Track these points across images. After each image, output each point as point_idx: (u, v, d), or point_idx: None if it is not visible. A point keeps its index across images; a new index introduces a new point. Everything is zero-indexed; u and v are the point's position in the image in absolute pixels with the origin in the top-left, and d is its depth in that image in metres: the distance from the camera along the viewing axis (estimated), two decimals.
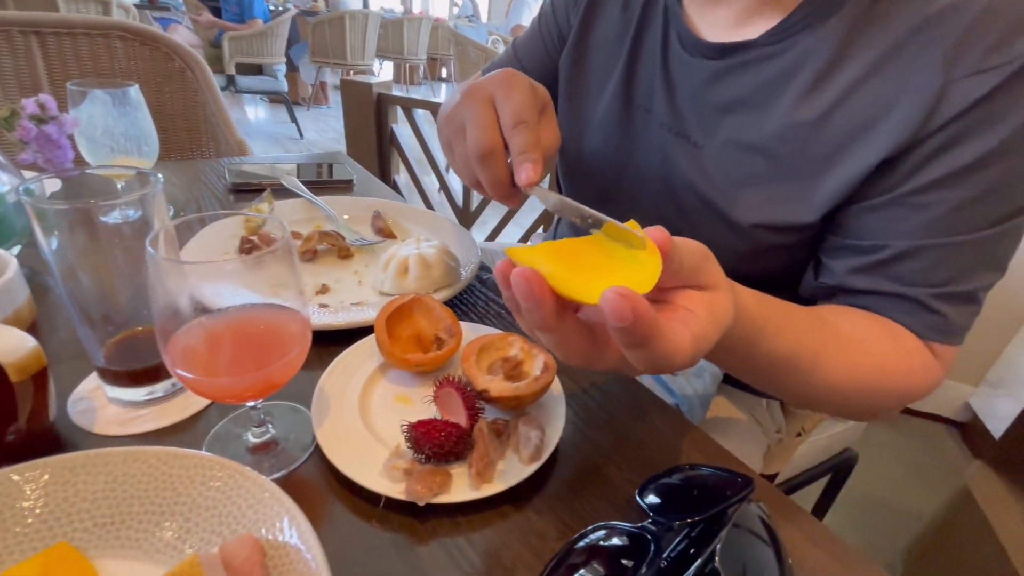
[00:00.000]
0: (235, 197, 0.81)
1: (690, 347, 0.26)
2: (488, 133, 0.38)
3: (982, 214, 0.41)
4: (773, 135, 0.48)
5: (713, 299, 0.28)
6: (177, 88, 1.35)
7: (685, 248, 0.27)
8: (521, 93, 0.39)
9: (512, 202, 0.41)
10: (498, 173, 0.39)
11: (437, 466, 0.36)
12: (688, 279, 0.28)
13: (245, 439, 0.39)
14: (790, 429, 0.79)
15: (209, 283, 0.30)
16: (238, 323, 0.33)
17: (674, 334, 0.25)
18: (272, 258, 0.31)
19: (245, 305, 0.33)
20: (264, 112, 4.98)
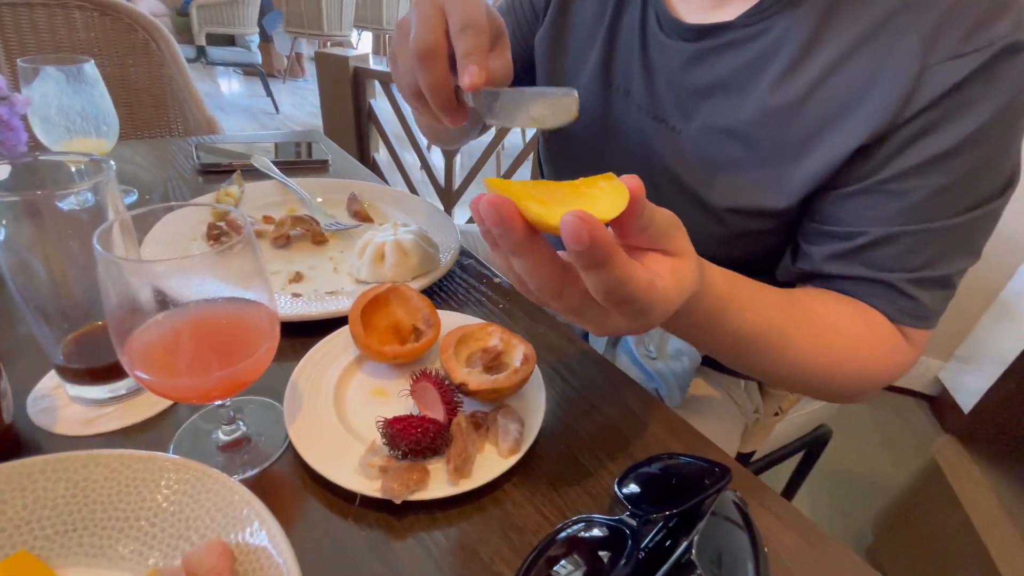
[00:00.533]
0: (204, 179, 0.78)
1: (648, 289, 0.26)
2: (432, 34, 0.36)
3: (958, 200, 0.41)
4: (750, 120, 0.47)
5: (679, 264, 0.29)
6: (141, 61, 1.28)
7: (657, 210, 0.28)
8: (475, 5, 0.36)
9: (456, 118, 0.38)
10: (439, 76, 0.36)
11: (414, 462, 0.35)
12: (656, 241, 0.29)
13: (215, 437, 0.38)
14: (767, 409, 0.80)
15: (166, 279, 0.29)
16: (200, 319, 0.31)
17: (633, 268, 0.25)
18: (233, 252, 0.29)
19: (208, 300, 0.31)
20: (238, 85, 4.81)
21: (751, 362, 0.43)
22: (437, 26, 0.36)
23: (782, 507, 0.39)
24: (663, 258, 0.29)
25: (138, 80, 1.29)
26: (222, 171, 0.78)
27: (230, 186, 0.67)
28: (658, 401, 0.47)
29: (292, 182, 0.71)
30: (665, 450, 0.42)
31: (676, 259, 0.29)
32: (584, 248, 0.23)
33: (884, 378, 0.45)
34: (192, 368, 0.30)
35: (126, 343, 0.29)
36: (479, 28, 0.36)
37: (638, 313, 0.27)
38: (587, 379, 0.48)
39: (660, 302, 0.27)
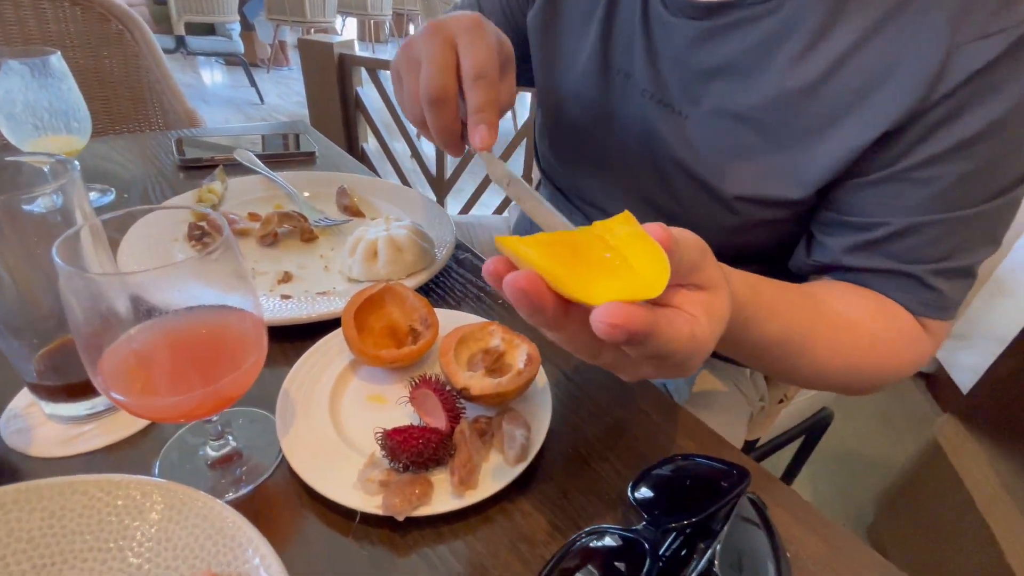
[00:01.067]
0: (185, 175, 0.75)
1: (689, 342, 0.24)
2: (444, 76, 0.36)
3: (983, 187, 0.39)
4: (762, 104, 0.44)
5: (712, 300, 0.26)
6: (116, 53, 1.23)
7: (684, 244, 0.25)
8: (487, 45, 0.36)
9: (456, 152, 0.41)
10: (447, 121, 0.37)
11: (416, 474, 0.33)
12: (686, 277, 0.26)
13: (203, 453, 0.35)
14: (772, 397, 0.79)
15: (136, 292, 0.26)
16: (179, 332, 0.29)
17: (673, 330, 0.23)
18: (211, 258, 0.27)
19: (187, 310, 0.29)
20: (221, 76, 4.70)
21: (771, 366, 0.41)
22: (448, 67, 0.36)
23: (801, 507, 0.37)
24: (695, 294, 0.26)
25: (113, 73, 1.24)
26: (204, 166, 0.75)
27: (212, 183, 0.64)
28: (667, 398, 0.45)
29: (278, 176, 0.68)
30: (678, 450, 0.40)
31: (708, 293, 0.26)
32: (623, 340, 0.22)
33: (903, 372, 0.43)
34: (172, 386, 0.28)
35: (98, 362, 0.26)
36: (491, 79, 0.36)
37: (678, 365, 0.25)
38: (593, 377, 0.46)
39: (700, 351, 0.25)
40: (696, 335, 0.24)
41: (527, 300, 0.22)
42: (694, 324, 0.24)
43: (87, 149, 0.80)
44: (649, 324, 0.22)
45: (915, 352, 0.43)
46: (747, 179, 0.47)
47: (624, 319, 0.21)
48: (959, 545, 0.98)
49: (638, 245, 0.23)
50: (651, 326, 0.22)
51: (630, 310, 0.21)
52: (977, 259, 0.42)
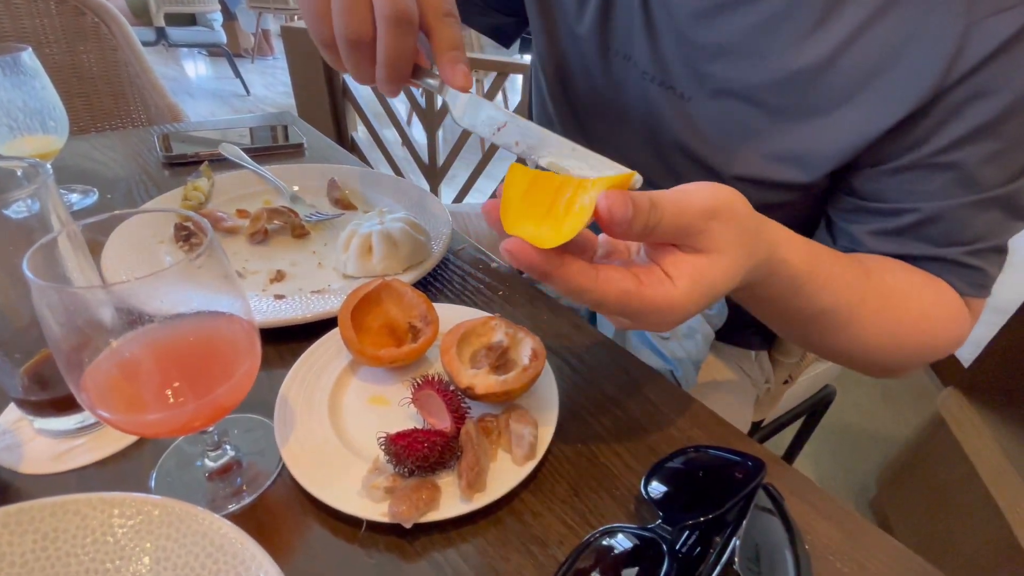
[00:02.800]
0: (170, 172, 0.72)
1: (624, 298, 0.26)
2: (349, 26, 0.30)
3: (1012, 163, 0.38)
4: (768, 84, 0.43)
5: (703, 266, 0.27)
6: (93, 47, 1.20)
7: (668, 209, 0.25)
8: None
9: (394, 89, 0.34)
10: (408, 46, 0.31)
11: (422, 478, 0.32)
12: (680, 238, 0.27)
13: (202, 463, 0.34)
14: (778, 378, 0.78)
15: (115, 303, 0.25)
16: (166, 343, 0.27)
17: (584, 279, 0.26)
18: (195, 264, 0.25)
19: (172, 319, 0.27)
20: (205, 68, 4.61)
21: (812, 337, 0.40)
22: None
23: (815, 494, 0.36)
24: (688, 257, 0.27)
25: (92, 68, 1.21)
26: (189, 162, 0.73)
27: (197, 179, 0.62)
28: (675, 387, 0.44)
29: (266, 171, 0.66)
30: (688, 441, 0.39)
31: (705, 258, 0.27)
32: (524, 269, 0.25)
33: (945, 350, 0.42)
34: (162, 401, 0.27)
35: (80, 378, 0.25)
36: (458, 18, 0.33)
37: (650, 324, 0.28)
38: (598, 367, 0.45)
39: (674, 313, 0.27)
40: (645, 294, 0.26)
41: (516, 260, 0.25)
42: (666, 287, 0.26)
43: (67, 148, 0.78)
44: (543, 264, 0.25)
45: (959, 329, 0.42)
46: (753, 162, 0.45)
47: (517, 251, 0.24)
48: (964, 518, 0.99)
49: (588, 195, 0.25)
50: (548, 266, 0.25)
51: (524, 249, 0.24)
52: (1009, 236, 0.41)
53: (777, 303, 0.35)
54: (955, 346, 0.43)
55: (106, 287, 0.23)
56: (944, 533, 1.02)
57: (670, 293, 0.26)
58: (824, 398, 1.05)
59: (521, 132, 0.30)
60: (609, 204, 0.24)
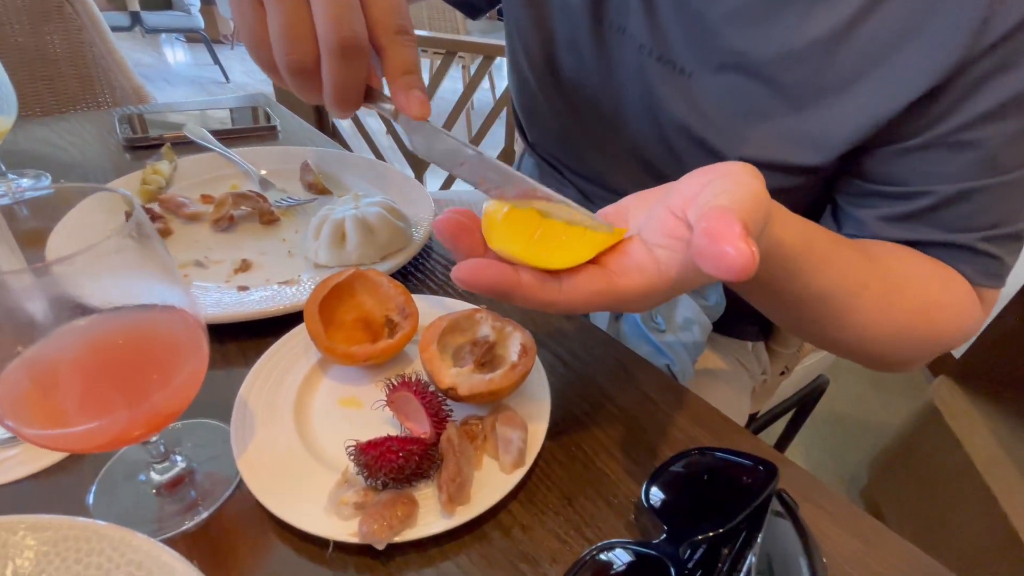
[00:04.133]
0: (132, 155, 0.67)
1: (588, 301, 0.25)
2: (358, 22, 0.26)
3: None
4: (776, 57, 0.39)
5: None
6: (57, 28, 1.13)
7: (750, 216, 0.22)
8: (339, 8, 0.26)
9: (345, 112, 0.29)
10: (359, 76, 0.27)
11: (398, 491, 0.29)
12: None
13: (148, 477, 0.30)
14: (774, 369, 0.76)
15: (24, 299, 0.20)
16: (90, 343, 0.23)
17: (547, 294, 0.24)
18: (114, 249, 0.21)
19: (101, 316, 0.23)
20: (184, 55, 4.48)
21: (810, 325, 0.37)
22: (357, 8, 0.26)
23: (830, 500, 0.33)
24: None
25: (56, 50, 1.14)
26: (151, 145, 0.68)
27: (158, 162, 0.57)
28: (674, 382, 0.41)
29: (234, 153, 0.61)
30: (689, 440, 0.36)
31: None
32: (480, 292, 0.24)
33: (953, 342, 0.39)
34: (87, 411, 0.23)
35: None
36: (413, 34, 0.28)
37: (613, 310, 0.26)
38: (592, 362, 0.42)
39: (633, 299, 0.25)
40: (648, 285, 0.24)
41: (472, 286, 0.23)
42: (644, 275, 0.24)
43: (23, 131, 0.72)
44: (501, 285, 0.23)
45: (969, 320, 0.39)
46: (760, 143, 0.42)
47: (469, 277, 0.23)
48: (959, 507, 0.98)
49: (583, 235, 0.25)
50: (507, 288, 0.23)
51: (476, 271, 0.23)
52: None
53: (771, 287, 0.32)
54: (963, 339, 0.40)
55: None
56: (938, 523, 1.01)
57: (649, 281, 0.24)
58: (817, 388, 1.03)
59: (485, 168, 0.27)
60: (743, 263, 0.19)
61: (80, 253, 0.20)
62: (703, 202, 0.23)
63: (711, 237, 0.20)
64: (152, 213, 0.51)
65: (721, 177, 0.24)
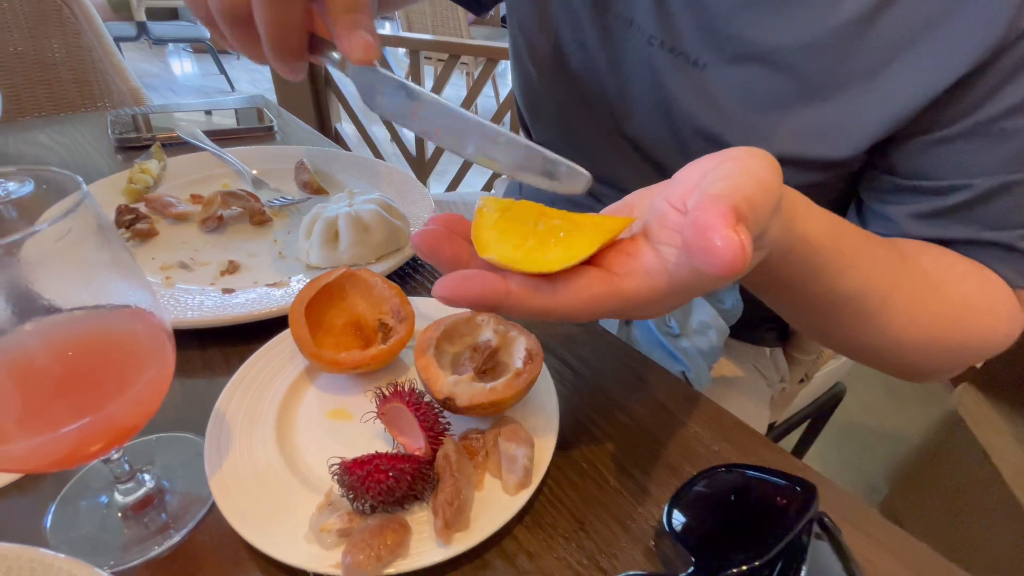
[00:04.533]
0: (124, 156, 0.65)
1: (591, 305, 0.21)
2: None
3: None
4: (798, 44, 0.36)
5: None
6: (55, 32, 1.12)
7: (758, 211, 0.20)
8: None
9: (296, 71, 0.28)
10: (293, 17, 0.25)
11: (388, 515, 0.25)
12: None
13: (112, 498, 0.27)
14: (793, 377, 0.72)
15: None
16: (38, 349, 0.20)
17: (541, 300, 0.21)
18: (51, 238, 0.18)
19: (47, 319, 0.20)
20: (191, 65, 4.51)
21: (837, 331, 0.34)
22: None
23: (877, 526, 0.30)
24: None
25: (54, 54, 1.13)
26: (144, 145, 0.66)
27: (147, 161, 0.55)
28: (693, 391, 0.38)
29: (226, 152, 0.59)
30: (712, 456, 0.33)
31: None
32: (466, 306, 0.21)
33: (991, 349, 0.36)
34: (30, 425, 0.20)
35: None
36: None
37: (618, 315, 0.23)
38: (603, 369, 0.39)
39: (640, 304, 0.22)
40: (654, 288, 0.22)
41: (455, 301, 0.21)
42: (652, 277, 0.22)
43: (13, 134, 0.71)
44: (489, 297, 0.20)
45: (1006, 326, 0.36)
46: (780, 137, 0.39)
47: (451, 293, 0.20)
48: (986, 519, 0.93)
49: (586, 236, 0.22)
50: (496, 299, 0.20)
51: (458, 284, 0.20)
52: None
53: (794, 288, 0.29)
54: (1001, 346, 0.37)
55: None
56: (964, 536, 0.97)
57: (656, 284, 0.22)
58: (834, 396, 0.99)
59: (441, 116, 0.24)
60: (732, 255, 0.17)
61: (11, 240, 0.17)
62: (701, 191, 0.20)
63: (698, 228, 0.17)
64: (137, 213, 0.48)
65: (723, 162, 0.22)
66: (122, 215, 0.47)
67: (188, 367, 0.36)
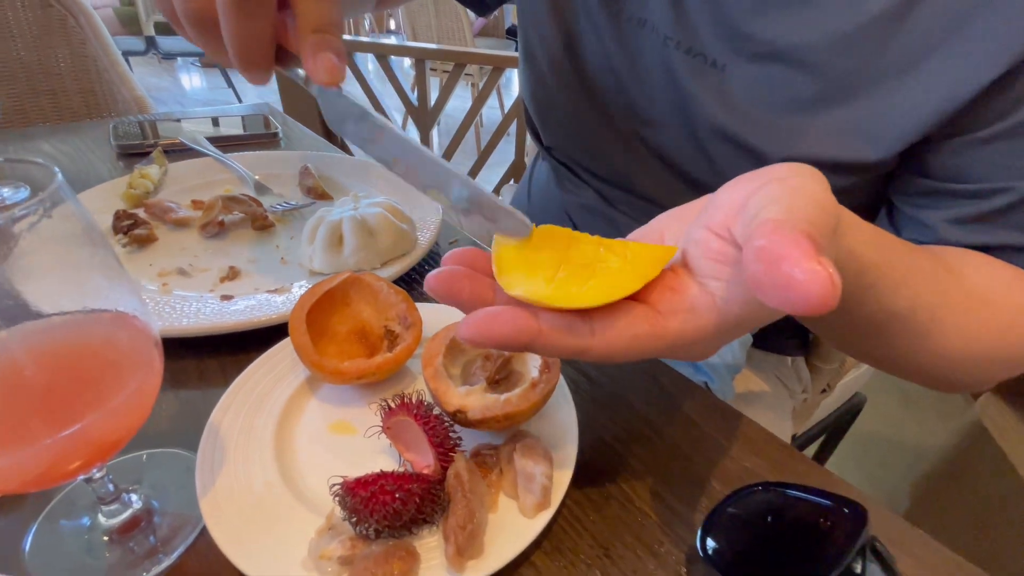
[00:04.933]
0: (125, 163, 0.64)
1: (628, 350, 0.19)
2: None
3: None
4: (823, 42, 0.34)
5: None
6: (61, 42, 1.12)
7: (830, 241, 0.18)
8: None
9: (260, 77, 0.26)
10: (259, 28, 0.24)
11: (394, 540, 0.23)
12: None
13: (95, 520, 0.25)
14: (815, 387, 0.69)
15: None
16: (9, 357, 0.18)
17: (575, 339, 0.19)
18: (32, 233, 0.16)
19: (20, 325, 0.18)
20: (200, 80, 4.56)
21: (884, 351, 0.32)
22: None
23: (929, 551, 0.27)
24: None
25: (60, 64, 1.13)
26: (145, 152, 0.64)
27: (148, 166, 0.54)
28: (720, 403, 0.35)
29: (228, 157, 0.57)
30: (748, 474, 0.30)
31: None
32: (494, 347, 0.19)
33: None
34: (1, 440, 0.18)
35: None
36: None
37: (663, 356, 0.20)
38: (623, 378, 0.36)
39: (687, 344, 0.20)
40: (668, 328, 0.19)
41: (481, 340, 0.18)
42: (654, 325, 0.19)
43: (15, 141, 0.70)
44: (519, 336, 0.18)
45: None
46: (805, 140, 0.37)
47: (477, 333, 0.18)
48: (1014, 532, 0.89)
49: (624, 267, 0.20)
50: (526, 337, 0.18)
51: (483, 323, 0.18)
52: None
53: (841, 312, 0.26)
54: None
55: None
56: (992, 550, 0.93)
57: (705, 323, 0.19)
58: (854, 406, 0.96)
59: (400, 148, 0.22)
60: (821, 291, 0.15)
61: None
62: (751, 215, 0.17)
63: (768, 260, 0.15)
64: (136, 218, 0.46)
65: (770, 183, 0.19)
66: (120, 220, 0.46)
67: (183, 378, 0.34)
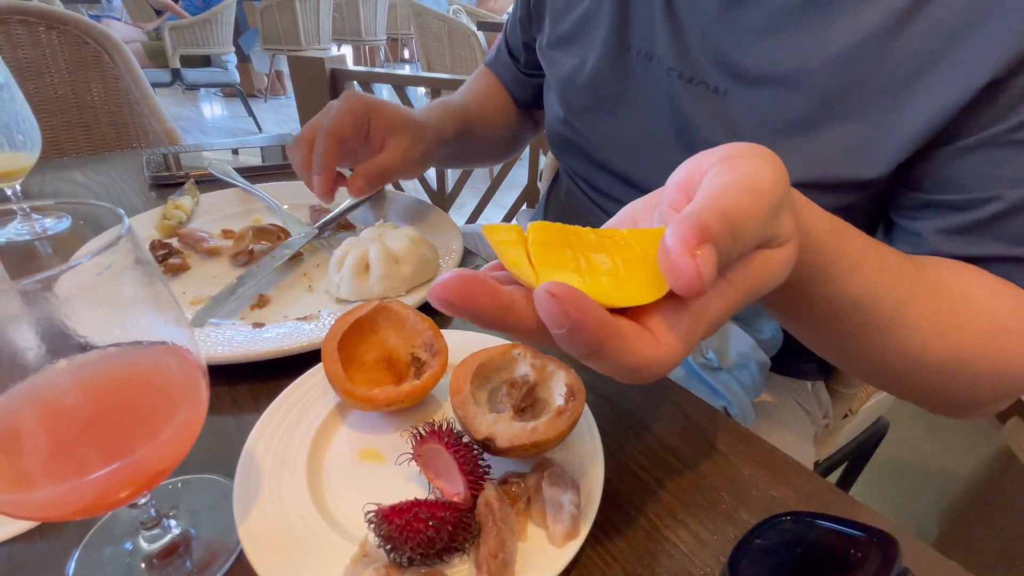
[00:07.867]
0: (157, 194, 0.67)
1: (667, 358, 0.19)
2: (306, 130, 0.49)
3: None
4: (821, 63, 0.36)
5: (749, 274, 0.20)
6: (95, 76, 1.17)
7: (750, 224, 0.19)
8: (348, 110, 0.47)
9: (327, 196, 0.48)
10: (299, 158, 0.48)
11: (427, 568, 0.23)
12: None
13: (137, 545, 0.26)
14: (837, 412, 0.69)
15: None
16: (66, 390, 0.20)
17: (644, 344, 0.18)
18: (91, 272, 0.17)
19: (79, 357, 0.19)
20: (221, 108, 4.71)
21: (847, 344, 0.31)
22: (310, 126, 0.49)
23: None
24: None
25: (93, 98, 1.19)
26: (177, 183, 0.67)
27: (180, 198, 0.56)
28: (743, 430, 0.35)
29: (257, 188, 0.59)
30: (775, 503, 0.30)
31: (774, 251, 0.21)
32: (563, 331, 0.17)
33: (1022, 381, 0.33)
34: (56, 472, 0.19)
35: None
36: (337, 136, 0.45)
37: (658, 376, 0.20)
38: (645, 405, 0.37)
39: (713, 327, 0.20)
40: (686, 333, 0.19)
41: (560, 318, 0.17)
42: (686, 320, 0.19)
43: (51, 170, 0.73)
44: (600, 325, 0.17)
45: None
46: (804, 160, 0.38)
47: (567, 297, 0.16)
48: None
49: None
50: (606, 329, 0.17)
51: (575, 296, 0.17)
52: None
53: (802, 292, 0.27)
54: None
55: None
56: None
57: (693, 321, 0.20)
58: (878, 432, 0.94)
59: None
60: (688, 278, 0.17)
61: (51, 275, 0.17)
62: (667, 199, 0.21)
63: (662, 251, 0.18)
64: (170, 248, 0.48)
65: (720, 162, 0.21)
66: (155, 250, 0.48)
67: (216, 404, 0.35)
